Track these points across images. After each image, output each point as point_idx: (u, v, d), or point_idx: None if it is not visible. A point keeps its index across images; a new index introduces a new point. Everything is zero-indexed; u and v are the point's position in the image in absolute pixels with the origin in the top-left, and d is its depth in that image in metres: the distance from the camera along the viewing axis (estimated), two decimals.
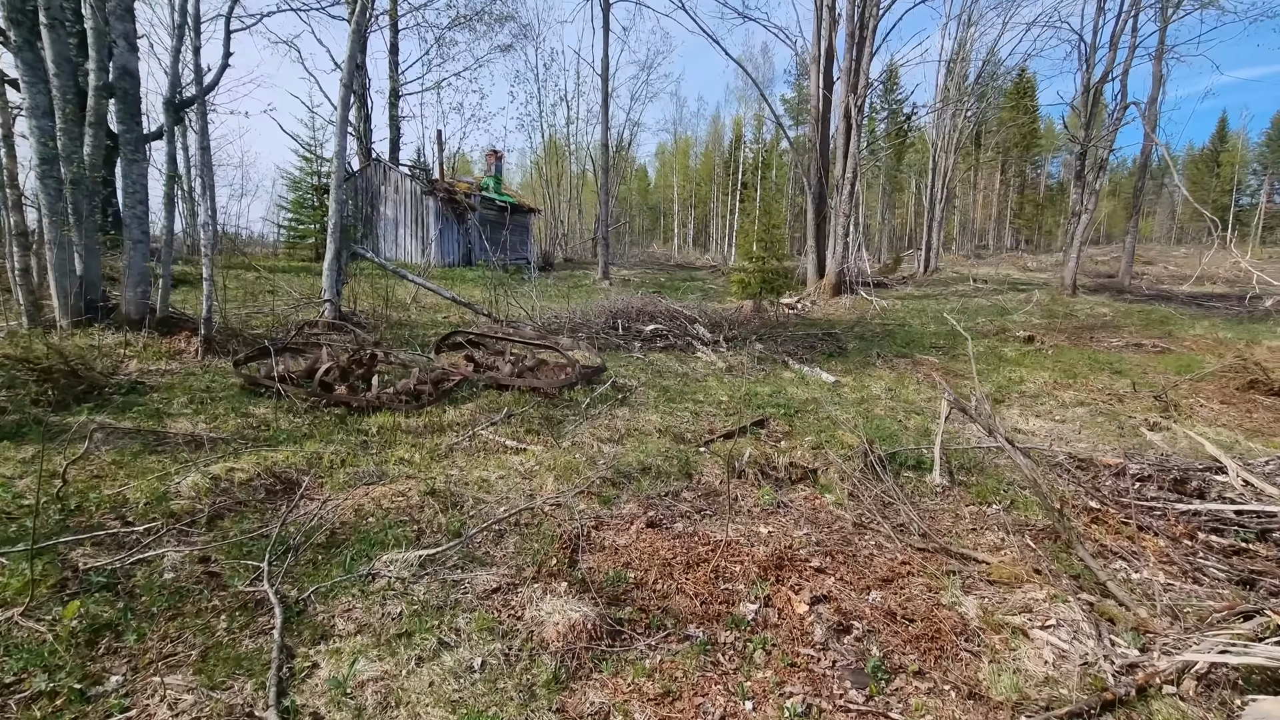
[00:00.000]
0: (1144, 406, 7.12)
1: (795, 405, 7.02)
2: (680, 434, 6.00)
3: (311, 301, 9.35)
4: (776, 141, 68.44)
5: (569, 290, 18.15)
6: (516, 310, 11.09)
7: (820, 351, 10.22)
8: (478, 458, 5.12)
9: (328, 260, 8.87)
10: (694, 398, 7.20)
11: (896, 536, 3.79)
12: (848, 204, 16.15)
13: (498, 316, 9.85)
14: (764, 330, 11.45)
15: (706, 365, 9.02)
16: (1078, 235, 16.41)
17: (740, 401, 7.11)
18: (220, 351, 7.55)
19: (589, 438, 5.78)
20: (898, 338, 11.43)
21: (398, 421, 5.74)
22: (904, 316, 14.70)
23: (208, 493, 3.89)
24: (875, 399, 7.51)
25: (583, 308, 13.11)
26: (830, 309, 15.63)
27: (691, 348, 10.00)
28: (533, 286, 14.42)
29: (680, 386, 7.67)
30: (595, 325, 10.86)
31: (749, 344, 10.22)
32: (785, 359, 9.48)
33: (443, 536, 3.56)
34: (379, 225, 23.32)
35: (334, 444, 5.14)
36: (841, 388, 7.99)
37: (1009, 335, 11.90)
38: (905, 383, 8.29)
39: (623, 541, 3.57)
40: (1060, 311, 14.85)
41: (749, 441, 5.87)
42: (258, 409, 5.79)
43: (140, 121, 7.27)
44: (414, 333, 9.53)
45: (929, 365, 9.55)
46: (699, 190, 70.92)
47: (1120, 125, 15.67)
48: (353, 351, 6.43)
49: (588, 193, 49.28)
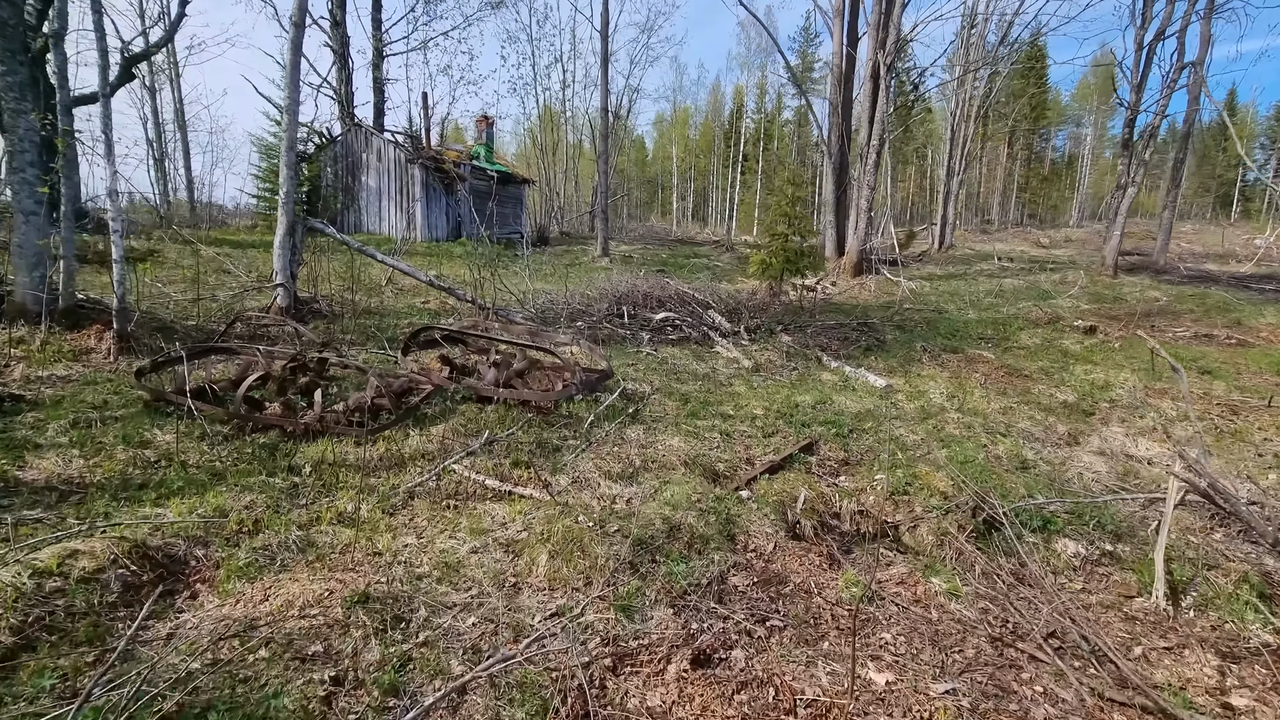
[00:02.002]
0: (1275, 422, 5.81)
1: (847, 421, 5.70)
2: (711, 465, 4.68)
3: (263, 286, 7.93)
4: (778, 111, 66.24)
5: (566, 269, 16.68)
6: (506, 295, 9.67)
7: (857, 345, 8.87)
8: (445, 510, 3.79)
9: (278, 237, 7.43)
10: (721, 409, 5.87)
11: (1071, 674, 2.49)
12: (873, 175, 14.64)
13: (484, 303, 8.46)
14: (787, 318, 10.08)
15: (729, 363, 7.67)
16: (1122, 210, 14.98)
17: (778, 415, 5.78)
18: (141, 350, 6.16)
19: (595, 472, 4.46)
20: (940, 328, 10.08)
21: (345, 452, 4.40)
22: (936, 300, 13.33)
23: (20, 600, 2.56)
24: (939, 410, 6.18)
25: (581, 290, 11.70)
26: (853, 291, 14.23)
27: (708, 339, 8.64)
28: (526, 266, 12.97)
29: (702, 394, 6.32)
30: (597, 312, 9.47)
31: (775, 336, 8.86)
32: (819, 354, 8.13)
33: (370, 695, 2.23)
34: (361, 196, 21.68)
35: (251, 491, 3.80)
36: (894, 394, 6.67)
37: (1063, 324, 10.56)
38: (967, 387, 6.96)
39: (656, 700, 2.25)
40: (1107, 295, 13.50)
41: (799, 476, 4.56)
42: (163, 434, 4.44)
43: (22, 61, 5.76)
44: (385, 323, 8.12)
45: (985, 362, 8.22)
46: (698, 162, 68.87)
47: (1176, 88, 14.13)
48: (293, 355, 5.05)
49: (584, 163, 47.37)
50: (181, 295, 8.55)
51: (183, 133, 28.15)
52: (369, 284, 10.49)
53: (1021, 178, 63.46)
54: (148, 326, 6.64)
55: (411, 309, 9.28)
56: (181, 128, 28.10)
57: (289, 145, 7.39)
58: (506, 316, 8.52)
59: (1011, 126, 56.47)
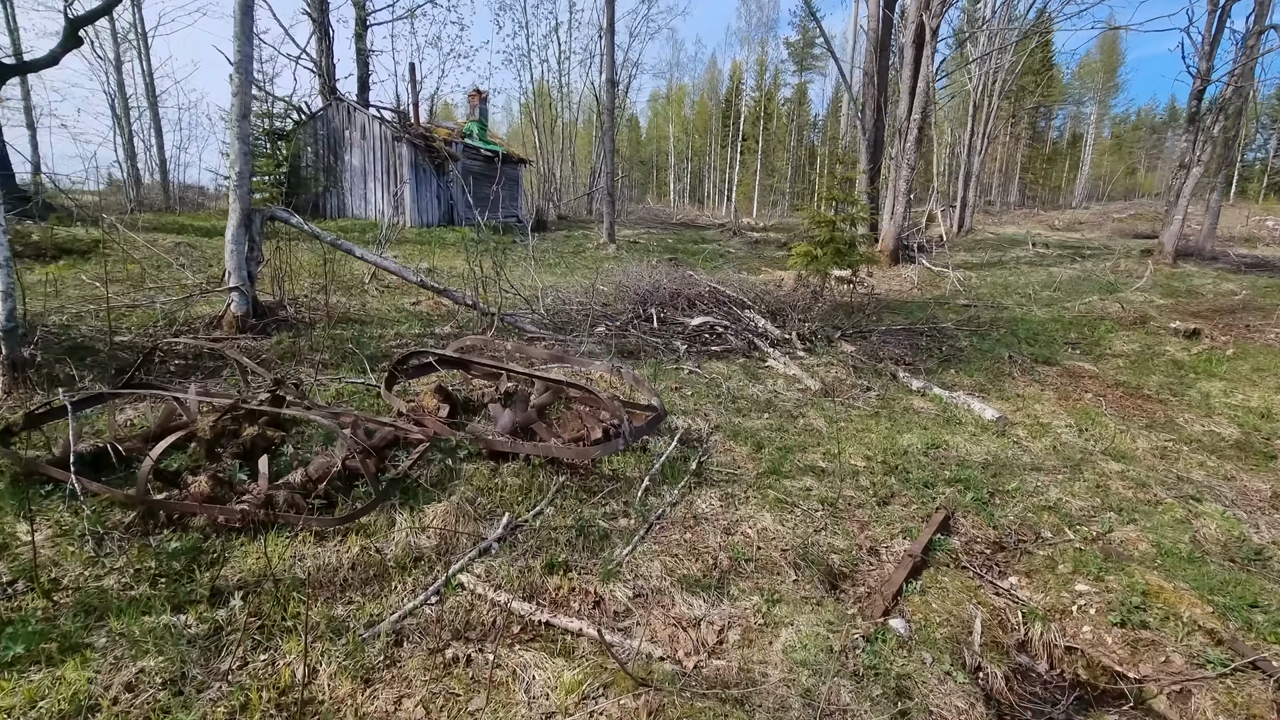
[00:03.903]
0: None
1: (975, 475, 4.32)
2: (823, 560, 3.30)
3: (212, 291, 6.42)
4: (776, 89, 64.26)
5: (571, 257, 15.18)
6: (509, 294, 8.19)
7: (930, 355, 7.49)
8: (452, 669, 2.41)
9: (230, 229, 5.91)
10: (807, 459, 4.48)
11: None
12: (913, 153, 13.15)
13: (487, 307, 7.00)
14: (840, 320, 8.68)
15: (789, 382, 6.27)
16: (1185, 192, 13.59)
17: (885, 468, 4.40)
18: (48, 382, 4.69)
19: (663, 575, 3.09)
20: (1019, 331, 8.69)
21: (299, 556, 2.99)
22: (988, 293, 11.96)
23: None
24: (1081, 455, 4.82)
25: (593, 284, 10.25)
26: (893, 283, 12.83)
27: (755, 349, 7.23)
28: (530, 257, 11.46)
29: (774, 431, 4.93)
30: (619, 314, 8.03)
31: (834, 345, 7.45)
32: (893, 369, 6.74)
33: None
34: (344, 177, 19.98)
35: (145, 650, 2.39)
36: (1011, 427, 5.30)
37: (1154, 325, 9.20)
38: (1091, 415, 5.61)
39: None
40: (1178, 287, 12.16)
41: (954, 578, 3.20)
42: (39, 528, 3.01)
43: None
44: (367, 334, 6.65)
45: (1090, 378, 6.87)
46: (694, 142, 67.02)
47: (1259, 54, 12.65)
48: (230, 405, 3.60)
49: (581, 143, 45.51)
50: (123, 300, 7.04)
51: (154, 109, 26.18)
52: (349, 281, 8.98)
53: (1024, 158, 61.90)
54: (57, 348, 5.16)
55: (399, 312, 7.81)
56: (152, 104, 26.14)
57: (241, 112, 5.85)
58: (515, 324, 7.07)
59: (1014, 104, 54.76)
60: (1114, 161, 65.49)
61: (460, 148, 20.47)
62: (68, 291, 7.48)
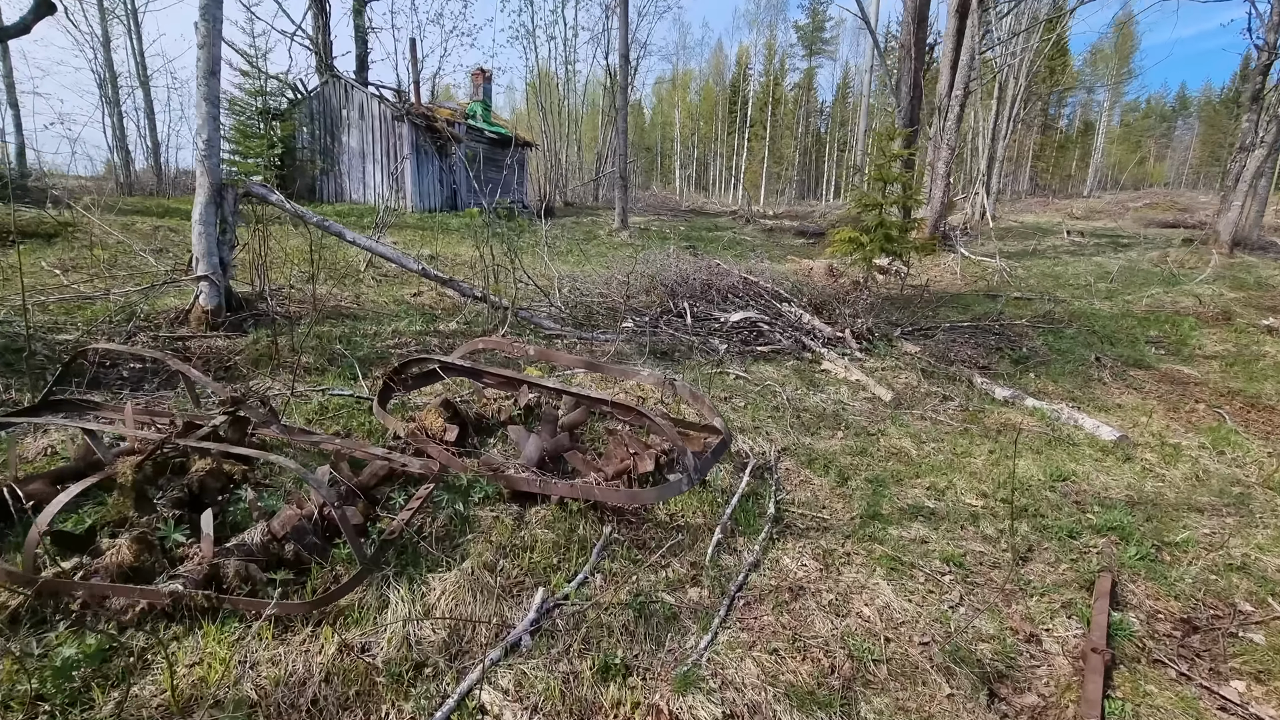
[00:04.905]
0: None
1: (1121, 515, 3.42)
2: (969, 653, 2.41)
3: (176, 281, 5.50)
4: (783, 74, 62.92)
5: (583, 244, 14.23)
6: (523, 284, 7.25)
7: (1003, 355, 6.56)
8: None
9: (198, 208, 4.98)
10: (902, 491, 3.58)
11: None
12: (954, 132, 12.14)
13: (497, 300, 6.08)
14: (893, 314, 7.76)
15: (853, 390, 5.35)
16: (1247, 175, 12.58)
17: (1004, 504, 3.50)
18: None
19: (760, 683, 2.20)
20: (1097, 328, 7.75)
21: (252, 659, 2.10)
22: (1039, 285, 11.02)
23: None
24: (1236, 485, 3.92)
25: (611, 273, 9.32)
26: (932, 273, 11.89)
27: (803, 347, 6.32)
28: (544, 244, 10.52)
29: (855, 456, 4.03)
30: (646, 309, 7.11)
31: (894, 343, 6.53)
32: (969, 375, 5.82)
33: None
34: (341, 159, 18.99)
35: None
36: (1134, 448, 4.39)
37: (1243, 322, 8.25)
38: (1224, 434, 4.70)
39: None
40: (1245, 279, 11.19)
41: (1159, 685, 2.31)
42: None
43: None
44: (359, 330, 5.74)
45: (1195, 384, 5.95)
46: (700, 128, 65.73)
47: None
48: (159, 441, 2.70)
49: (586, 129, 44.31)
50: (79, 290, 6.13)
51: (144, 89, 25.08)
52: (343, 270, 8.06)
53: (1036, 145, 60.43)
54: None
55: (398, 305, 6.89)
56: (143, 83, 25.06)
57: (208, 68, 4.90)
58: (531, 320, 6.15)
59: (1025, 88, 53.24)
60: (1123, 151, 63.99)
61: (463, 129, 19.45)
62: (25, 279, 6.58)
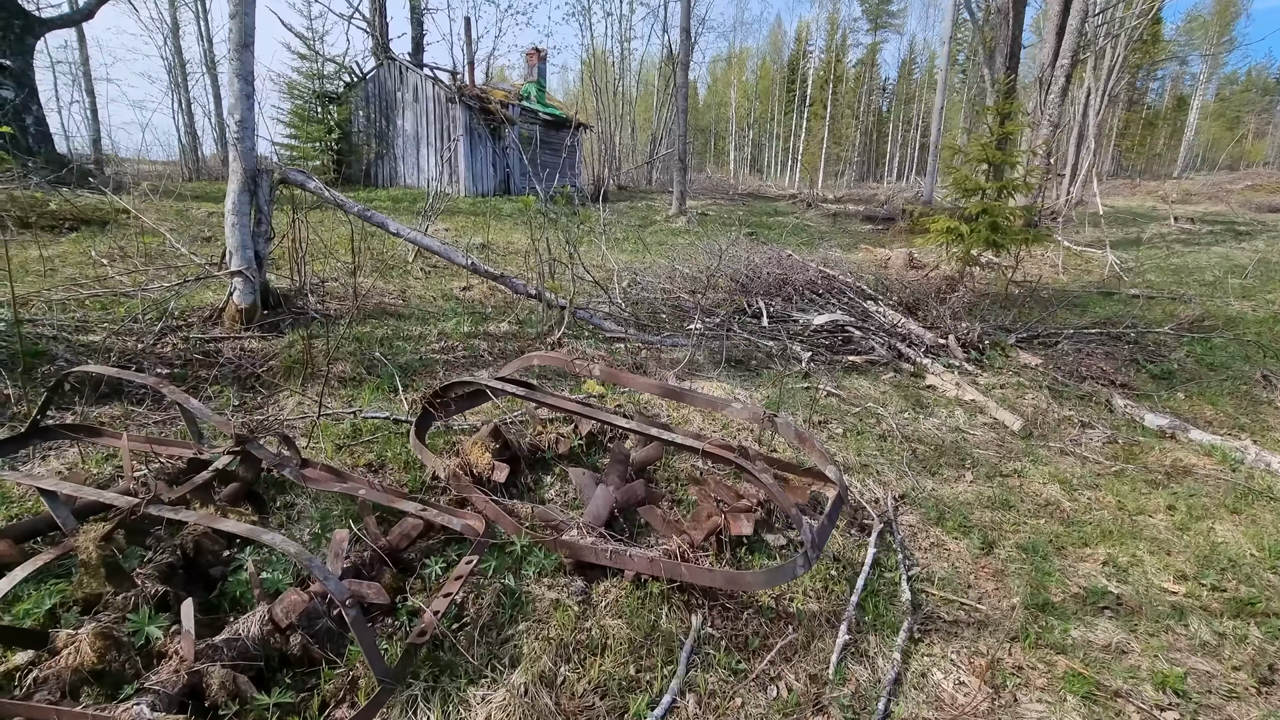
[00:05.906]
0: None
1: None
2: None
3: (210, 277, 5.07)
4: (845, 50, 60.23)
5: (640, 231, 13.50)
6: (582, 279, 6.59)
7: (1140, 368, 5.54)
8: None
9: (230, 197, 4.51)
10: (1069, 565, 2.78)
11: None
12: (1056, 107, 10.81)
13: (553, 298, 5.45)
14: (999, 316, 6.77)
15: (969, 412, 4.50)
16: None
17: (1212, 591, 2.65)
18: None
19: None
20: (1253, 337, 6.57)
21: None
22: (1159, 280, 9.70)
23: None
24: None
25: (672, 264, 8.59)
26: (1030, 266, 10.66)
27: (900, 355, 5.46)
28: (595, 228, 9.85)
29: (996, 510, 3.22)
30: (715, 307, 6.36)
31: (1009, 353, 5.59)
32: (1109, 396, 4.86)
33: None
34: (396, 143, 18.75)
35: None
36: None
37: None
38: None
39: None
40: None
41: None
42: None
43: None
44: (403, 331, 5.20)
45: None
46: (756, 109, 63.71)
47: None
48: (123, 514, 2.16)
49: (640, 109, 43.37)
50: (130, 282, 5.82)
51: (212, 76, 25.57)
52: (391, 260, 7.60)
53: (1121, 122, 55.73)
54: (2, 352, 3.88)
55: (446, 300, 6.36)
56: (210, 70, 25.52)
57: (241, 40, 4.39)
58: (590, 320, 5.50)
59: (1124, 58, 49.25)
60: (1218, 127, 58.52)
61: (517, 110, 18.92)
62: (66, 270, 6.35)
